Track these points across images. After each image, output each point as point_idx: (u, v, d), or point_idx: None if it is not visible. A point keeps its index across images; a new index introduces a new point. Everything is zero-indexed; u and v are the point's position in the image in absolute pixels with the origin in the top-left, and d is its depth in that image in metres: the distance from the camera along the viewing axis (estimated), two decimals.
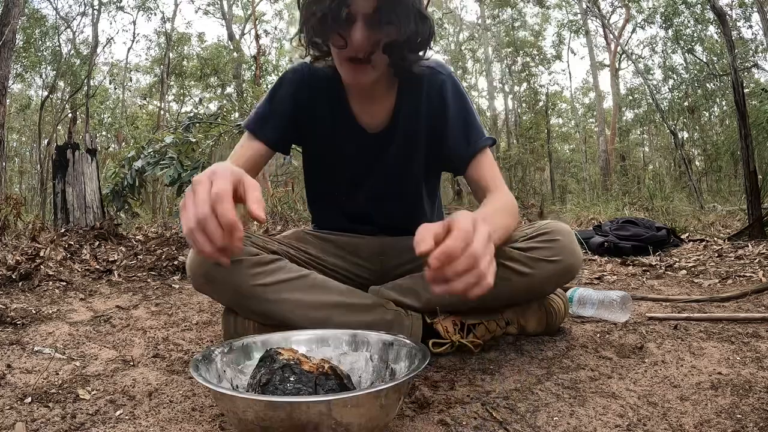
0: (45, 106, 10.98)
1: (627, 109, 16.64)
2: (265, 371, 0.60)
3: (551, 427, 0.65)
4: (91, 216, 3.15)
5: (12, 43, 4.79)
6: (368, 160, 1.05)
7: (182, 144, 3.07)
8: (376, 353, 0.74)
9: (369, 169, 1.06)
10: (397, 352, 0.72)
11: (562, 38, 17.03)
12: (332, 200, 1.12)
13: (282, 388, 0.58)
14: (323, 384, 0.59)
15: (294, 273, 0.93)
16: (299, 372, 0.59)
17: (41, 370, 0.89)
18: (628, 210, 5.91)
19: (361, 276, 1.11)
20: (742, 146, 2.97)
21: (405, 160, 1.04)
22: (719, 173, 10.99)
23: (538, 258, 0.92)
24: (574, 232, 1.02)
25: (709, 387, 0.77)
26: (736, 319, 1.17)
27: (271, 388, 0.58)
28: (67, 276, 1.90)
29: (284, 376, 0.59)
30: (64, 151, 3.16)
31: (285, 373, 0.59)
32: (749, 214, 2.87)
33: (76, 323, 1.28)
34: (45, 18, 11.47)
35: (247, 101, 5.77)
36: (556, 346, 1.00)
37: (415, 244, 0.57)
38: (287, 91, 1.02)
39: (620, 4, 14.19)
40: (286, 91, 1.02)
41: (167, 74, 13.66)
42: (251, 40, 15.83)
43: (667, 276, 1.92)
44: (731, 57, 3.25)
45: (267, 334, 0.77)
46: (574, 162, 18.20)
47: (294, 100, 1.01)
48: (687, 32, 11.97)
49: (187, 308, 1.50)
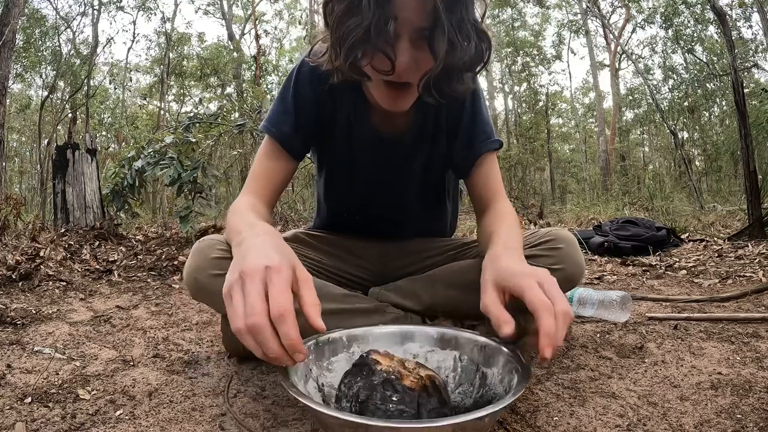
0: (45, 106, 10.97)
1: (627, 109, 16.65)
2: (363, 384, 0.56)
3: (551, 427, 0.65)
4: (91, 216, 3.15)
5: (12, 43, 4.79)
6: (388, 167, 1.00)
7: (182, 144, 3.06)
8: (466, 354, 0.70)
9: (389, 176, 1.01)
10: (488, 356, 0.67)
11: (562, 38, 17.06)
12: (347, 204, 1.07)
13: (384, 409, 0.53)
14: (425, 403, 0.55)
15: None
16: (401, 390, 0.54)
17: (41, 370, 0.89)
18: (628, 210, 5.91)
19: (360, 277, 1.10)
20: (742, 146, 2.97)
21: (427, 166, 1.00)
22: (719, 173, 10.99)
23: (541, 266, 0.91)
24: (575, 232, 1.01)
25: (709, 387, 0.77)
26: (736, 319, 1.17)
27: (372, 408, 0.54)
28: (67, 276, 1.90)
29: (385, 394, 0.54)
30: (64, 151, 3.16)
31: (386, 391, 0.54)
32: (749, 214, 2.87)
33: (76, 323, 1.28)
34: (45, 18, 11.46)
35: (247, 101, 5.76)
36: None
37: (496, 327, 0.59)
38: (307, 90, 0.91)
39: (620, 4, 14.19)
40: (306, 90, 0.91)
41: (167, 74, 13.65)
42: (251, 40, 15.85)
43: (667, 276, 1.92)
44: (731, 57, 3.25)
45: (349, 330, 0.72)
46: (574, 162, 18.20)
47: (316, 101, 0.92)
48: (687, 32, 11.97)
49: (187, 308, 1.50)
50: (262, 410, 0.72)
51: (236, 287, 0.54)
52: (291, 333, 0.51)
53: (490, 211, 0.91)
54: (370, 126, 0.95)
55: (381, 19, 0.66)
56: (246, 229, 0.67)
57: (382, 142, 0.96)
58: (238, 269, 0.56)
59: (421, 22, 0.68)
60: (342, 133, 0.96)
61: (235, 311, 0.53)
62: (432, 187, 1.06)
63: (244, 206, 0.82)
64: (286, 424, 0.68)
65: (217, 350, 1.04)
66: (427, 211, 1.09)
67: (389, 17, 0.66)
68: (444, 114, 0.95)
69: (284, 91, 0.93)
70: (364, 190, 1.03)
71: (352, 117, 0.94)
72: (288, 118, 0.91)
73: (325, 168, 1.05)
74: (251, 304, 0.52)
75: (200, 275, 0.85)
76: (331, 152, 1.00)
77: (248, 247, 0.61)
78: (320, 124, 0.94)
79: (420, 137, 0.97)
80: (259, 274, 0.54)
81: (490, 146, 0.95)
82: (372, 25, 0.66)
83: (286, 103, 0.92)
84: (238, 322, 0.52)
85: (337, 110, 0.94)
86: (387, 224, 1.08)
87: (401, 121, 0.94)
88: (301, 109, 0.91)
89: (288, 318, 0.51)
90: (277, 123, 0.91)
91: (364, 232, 1.11)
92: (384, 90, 0.77)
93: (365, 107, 0.93)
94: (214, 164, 3.65)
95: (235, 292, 0.54)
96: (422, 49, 0.71)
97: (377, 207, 1.05)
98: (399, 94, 0.77)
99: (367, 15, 0.65)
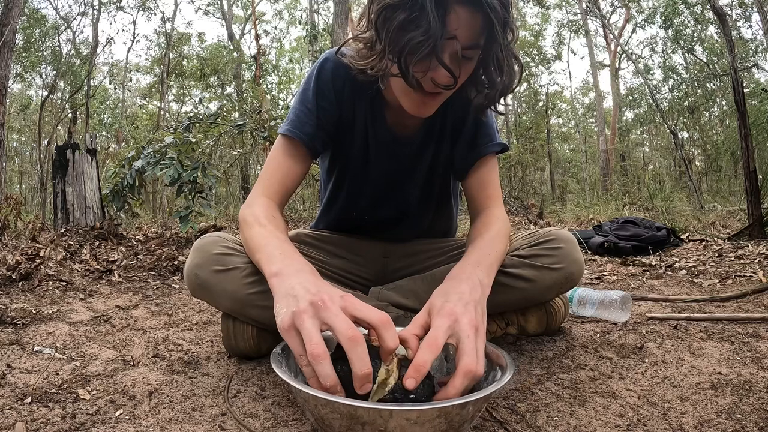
0: (45, 106, 10.97)
1: (627, 109, 16.66)
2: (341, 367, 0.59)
3: (551, 427, 0.65)
4: (91, 216, 3.15)
5: (12, 43, 4.79)
6: (399, 167, 1.00)
7: (182, 144, 3.07)
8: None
9: (399, 176, 1.01)
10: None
11: (562, 38, 17.07)
12: (354, 204, 1.07)
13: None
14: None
15: None
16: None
17: (41, 370, 0.89)
18: (628, 210, 5.92)
19: (361, 276, 1.10)
20: (742, 146, 2.97)
21: (432, 166, 1.01)
22: (719, 173, 10.99)
23: (541, 266, 0.91)
24: (575, 232, 1.01)
25: (709, 387, 0.77)
26: (736, 319, 1.17)
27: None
28: (67, 276, 1.90)
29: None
30: (64, 151, 3.16)
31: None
32: (749, 214, 2.87)
33: (76, 323, 1.28)
34: (45, 18, 11.47)
35: (247, 101, 5.76)
36: (556, 346, 1.00)
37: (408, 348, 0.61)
38: (328, 89, 0.91)
39: (620, 4, 14.20)
40: (327, 89, 0.91)
41: (167, 74, 13.66)
42: (251, 40, 15.88)
43: (667, 276, 1.92)
44: (731, 57, 3.26)
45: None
46: (574, 162, 18.21)
47: (336, 100, 0.92)
48: (687, 32, 11.98)
49: (187, 308, 1.50)
50: (262, 410, 0.72)
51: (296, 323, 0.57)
52: (329, 379, 0.54)
53: (482, 216, 0.91)
54: (386, 126, 0.95)
55: (445, 36, 0.68)
56: (279, 259, 0.71)
57: (396, 142, 0.97)
58: (297, 306, 0.59)
59: (470, 41, 0.72)
60: (359, 132, 0.96)
61: (297, 349, 0.57)
62: (438, 188, 1.06)
63: (263, 216, 0.82)
64: (286, 424, 0.68)
65: (217, 350, 1.04)
66: (433, 212, 1.10)
67: (451, 34, 0.69)
68: (450, 115, 0.95)
69: (304, 93, 0.93)
70: (374, 190, 1.03)
71: (369, 117, 0.94)
72: (310, 117, 0.91)
73: (337, 167, 1.05)
74: (343, 326, 0.55)
75: (201, 272, 0.85)
76: (346, 151, 1.00)
77: (293, 285, 0.63)
78: (339, 122, 0.94)
79: (428, 138, 0.97)
80: (315, 321, 0.57)
81: (491, 148, 0.95)
82: (438, 41, 0.67)
83: (307, 102, 0.92)
84: (302, 362, 0.56)
85: (356, 110, 0.94)
86: (393, 224, 1.08)
87: (412, 122, 0.95)
88: (322, 108, 0.91)
89: (323, 358, 0.54)
90: (299, 124, 0.91)
91: (369, 233, 1.11)
92: (415, 97, 0.78)
93: (382, 108, 0.94)
94: (214, 164, 3.66)
95: (305, 320, 0.57)
96: (463, 64, 0.74)
97: (385, 207, 1.06)
98: (428, 101, 0.79)
99: (435, 30, 0.66)
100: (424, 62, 0.72)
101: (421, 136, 0.97)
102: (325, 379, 0.54)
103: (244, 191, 8.63)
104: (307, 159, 0.93)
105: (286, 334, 0.58)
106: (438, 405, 0.53)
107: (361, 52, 0.81)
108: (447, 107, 0.91)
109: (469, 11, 0.69)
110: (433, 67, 0.72)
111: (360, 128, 0.96)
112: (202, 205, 2.94)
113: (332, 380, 0.54)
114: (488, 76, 0.79)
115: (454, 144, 0.98)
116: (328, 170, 1.08)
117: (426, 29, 0.66)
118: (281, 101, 11.80)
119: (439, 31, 0.67)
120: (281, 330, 0.58)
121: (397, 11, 0.68)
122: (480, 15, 0.69)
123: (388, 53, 0.72)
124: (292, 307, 0.59)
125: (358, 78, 0.84)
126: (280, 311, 0.60)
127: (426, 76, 0.74)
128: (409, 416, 0.52)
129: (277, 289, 0.64)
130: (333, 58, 0.90)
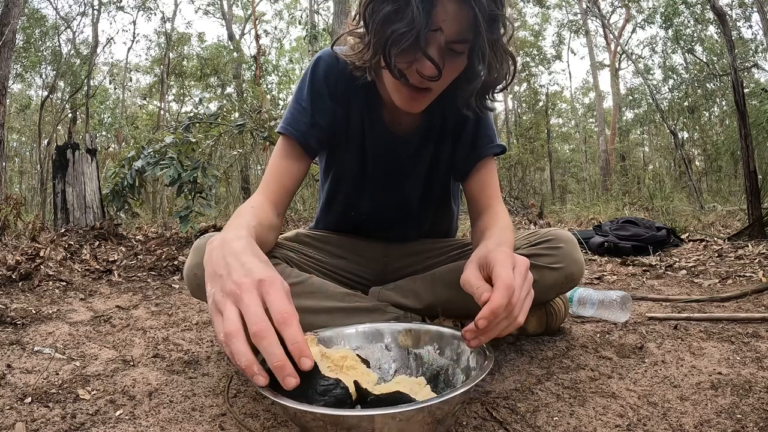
0: (45, 106, 10.97)
1: (627, 109, 16.66)
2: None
3: (551, 427, 0.65)
4: (91, 216, 3.15)
5: (12, 43, 4.79)
6: (397, 166, 1.00)
7: (182, 144, 3.06)
8: (393, 342, 0.73)
9: (398, 175, 1.01)
10: (417, 338, 0.72)
11: (562, 38, 17.08)
12: (353, 205, 1.07)
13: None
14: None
15: (292, 278, 0.90)
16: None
17: (41, 370, 0.89)
18: (628, 210, 5.92)
19: (361, 276, 1.10)
20: (742, 146, 2.97)
21: (432, 166, 1.01)
22: (719, 173, 10.99)
23: (541, 265, 0.91)
24: (575, 232, 1.02)
25: (709, 387, 0.77)
26: (736, 319, 1.17)
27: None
28: (67, 276, 1.90)
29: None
30: (64, 151, 3.16)
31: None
32: (749, 214, 2.87)
33: (76, 323, 1.28)
34: (45, 18, 11.48)
35: (247, 101, 5.76)
36: (556, 346, 1.00)
37: (476, 297, 0.62)
38: (322, 87, 0.91)
39: (620, 4, 14.20)
40: (321, 87, 0.91)
41: (167, 74, 13.66)
42: (251, 40, 15.88)
43: (667, 276, 1.92)
44: (731, 57, 3.26)
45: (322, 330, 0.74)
46: (574, 162, 18.22)
47: (331, 98, 0.92)
48: (687, 32, 11.99)
49: (187, 308, 1.50)
50: (262, 410, 0.72)
51: (224, 300, 0.53)
52: (297, 336, 0.50)
53: (485, 215, 0.92)
54: (383, 124, 0.95)
55: (429, 28, 0.68)
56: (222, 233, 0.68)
57: (393, 140, 0.97)
58: (227, 283, 0.55)
59: (458, 35, 0.71)
60: (356, 130, 0.96)
61: (229, 326, 0.51)
62: (437, 188, 1.06)
63: (246, 207, 0.82)
64: (286, 424, 0.68)
65: (217, 350, 1.04)
66: (433, 212, 1.10)
67: (436, 26, 0.69)
68: (450, 116, 0.95)
69: (299, 91, 0.93)
70: (373, 190, 1.03)
71: (365, 114, 0.94)
72: (304, 115, 0.91)
73: (334, 167, 1.05)
74: (252, 314, 0.51)
75: (201, 271, 0.85)
76: (343, 149, 1.00)
77: (226, 255, 0.59)
78: (335, 120, 0.94)
79: (427, 137, 0.97)
80: (254, 289, 0.53)
81: (491, 150, 0.96)
82: (422, 33, 0.67)
83: (302, 100, 0.92)
84: (230, 327, 0.51)
85: (351, 108, 0.94)
86: (393, 224, 1.08)
87: (410, 121, 0.95)
88: (317, 106, 0.91)
89: (293, 321, 0.51)
90: (293, 122, 0.91)
91: (369, 233, 1.11)
92: (404, 91, 0.79)
93: (378, 105, 0.94)
94: (214, 164, 3.65)
95: (227, 304, 0.53)
96: (450, 59, 0.74)
97: (384, 207, 1.05)
98: (418, 96, 0.79)
99: (418, 22, 0.66)
100: (409, 54, 0.72)
101: (419, 135, 0.97)
102: (240, 358, 0.51)
103: (244, 191, 8.63)
104: (303, 157, 0.93)
105: (216, 308, 0.55)
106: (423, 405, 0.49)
107: (355, 46, 0.82)
108: (446, 107, 0.92)
109: (457, 5, 0.69)
110: (417, 59, 0.72)
111: (356, 126, 0.95)
112: (202, 205, 2.94)
113: (247, 359, 0.51)
114: (472, 69, 0.79)
115: (455, 145, 0.98)
116: (326, 169, 1.08)
117: (410, 21, 0.67)
118: (281, 101, 11.82)
119: (423, 23, 0.67)
120: (215, 303, 0.55)
121: (384, 3, 0.69)
122: (468, 9, 0.69)
123: (373, 44, 0.73)
124: (225, 282, 0.55)
125: (354, 74, 0.85)
126: (209, 292, 0.57)
127: (411, 68, 0.74)
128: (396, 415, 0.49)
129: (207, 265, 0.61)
130: (327, 57, 0.91)
